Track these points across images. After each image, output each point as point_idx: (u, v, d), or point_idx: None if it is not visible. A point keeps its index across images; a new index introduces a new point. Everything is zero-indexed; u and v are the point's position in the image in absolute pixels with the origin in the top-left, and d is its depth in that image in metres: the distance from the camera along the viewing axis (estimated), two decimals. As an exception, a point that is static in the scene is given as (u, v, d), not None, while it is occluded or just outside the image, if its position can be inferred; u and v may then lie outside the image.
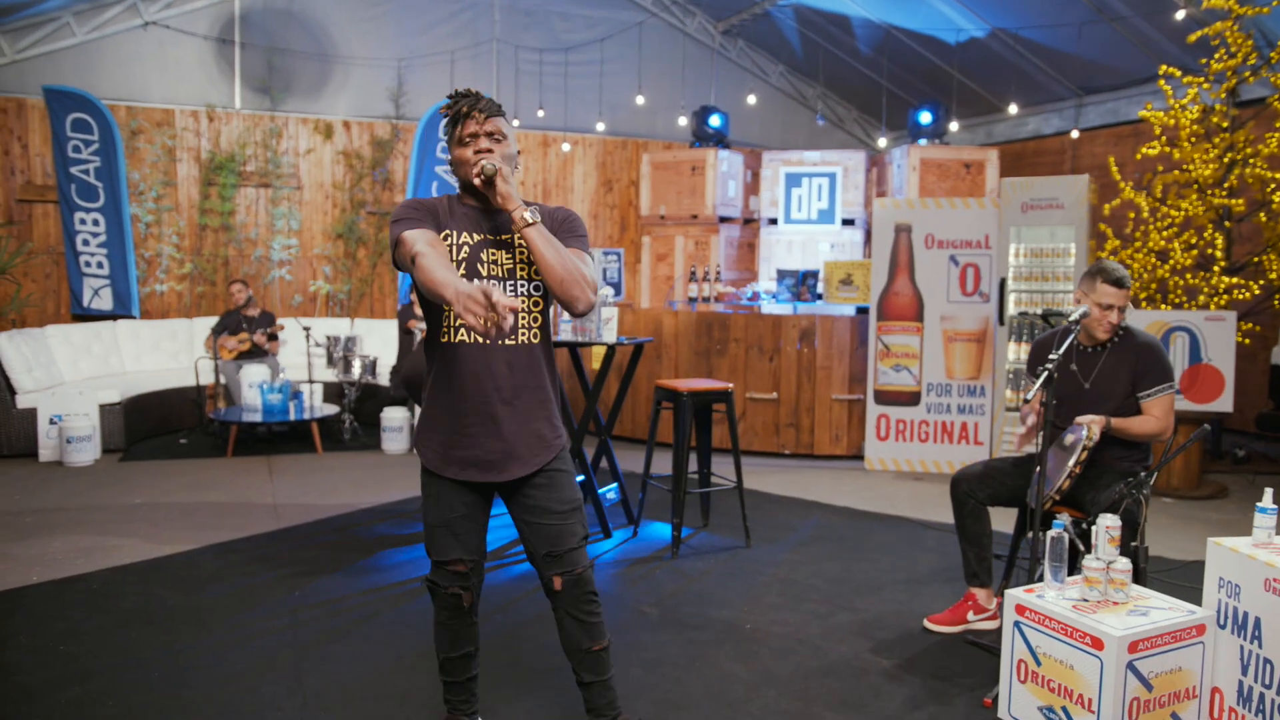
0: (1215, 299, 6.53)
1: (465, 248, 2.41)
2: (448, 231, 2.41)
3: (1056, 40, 8.85)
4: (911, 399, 6.78)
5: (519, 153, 2.21)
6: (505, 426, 2.42)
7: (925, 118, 10.23)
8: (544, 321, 2.47)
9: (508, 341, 2.40)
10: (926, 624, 3.68)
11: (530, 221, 2.28)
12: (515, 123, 9.85)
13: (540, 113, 9.85)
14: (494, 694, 3.06)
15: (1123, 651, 2.48)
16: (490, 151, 2.36)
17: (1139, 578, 2.98)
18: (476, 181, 2.35)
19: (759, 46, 11.17)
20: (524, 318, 2.42)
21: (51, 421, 6.48)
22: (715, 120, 10.00)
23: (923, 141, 10.21)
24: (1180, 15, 7.17)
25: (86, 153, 8.13)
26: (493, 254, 2.42)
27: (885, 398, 6.81)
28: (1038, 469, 3.06)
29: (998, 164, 9.76)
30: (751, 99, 10.41)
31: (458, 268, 2.37)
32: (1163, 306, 6.79)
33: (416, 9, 9.49)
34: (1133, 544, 3.02)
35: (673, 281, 9.23)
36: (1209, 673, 2.64)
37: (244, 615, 3.79)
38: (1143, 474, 3.10)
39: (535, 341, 2.45)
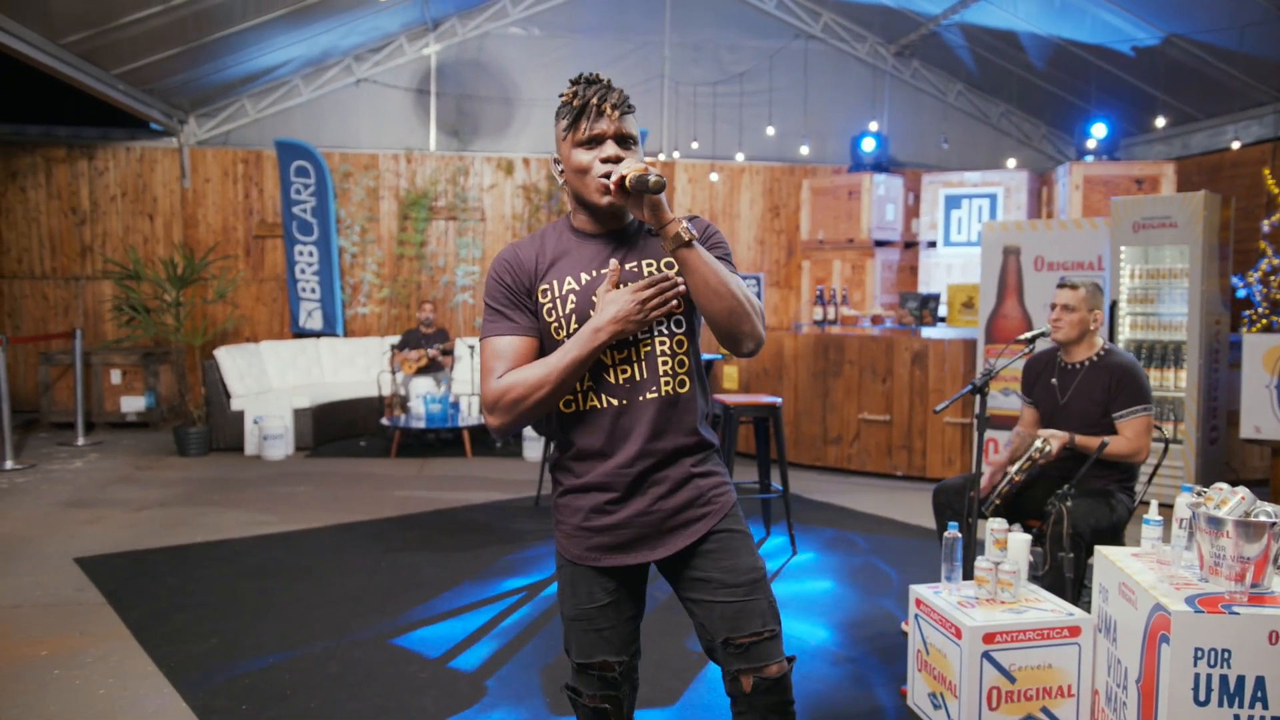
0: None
1: (572, 298, 1.91)
2: (545, 287, 1.93)
3: (1239, 43, 8.29)
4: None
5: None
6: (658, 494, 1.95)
7: (1098, 130, 9.81)
8: (692, 364, 1.96)
9: (649, 395, 1.92)
10: (903, 627, 3.84)
11: (687, 239, 1.79)
12: (676, 154, 10.48)
13: (694, 144, 10.39)
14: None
15: (977, 641, 2.65)
16: (617, 161, 1.86)
17: (1063, 588, 3.07)
18: (606, 199, 1.87)
19: (935, 66, 11.12)
20: (667, 362, 1.92)
21: (254, 421, 7.77)
22: (871, 144, 10.12)
23: (1089, 158, 9.81)
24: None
25: (305, 194, 9.58)
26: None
27: (993, 422, 6.74)
28: (974, 474, 3.21)
29: (1174, 178, 9.22)
30: (924, 119, 10.46)
31: (565, 326, 1.91)
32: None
33: (591, 51, 10.31)
34: (1059, 554, 3.11)
35: (821, 303, 9.45)
36: (1088, 674, 2.73)
37: (333, 575, 4.61)
38: (1068, 486, 3.17)
39: (683, 390, 1.94)
